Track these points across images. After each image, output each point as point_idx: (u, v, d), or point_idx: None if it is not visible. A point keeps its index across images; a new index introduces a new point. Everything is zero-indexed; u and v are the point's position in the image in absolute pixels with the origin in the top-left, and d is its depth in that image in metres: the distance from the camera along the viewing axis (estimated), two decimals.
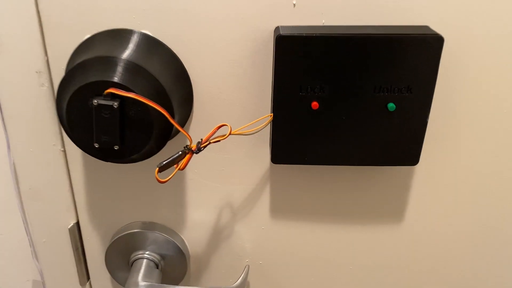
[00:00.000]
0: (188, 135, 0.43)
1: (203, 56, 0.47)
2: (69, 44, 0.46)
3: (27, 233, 0.57)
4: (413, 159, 0.47)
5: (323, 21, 0.45)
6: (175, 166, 0.43)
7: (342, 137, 0.46)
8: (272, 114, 0.46)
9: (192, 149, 0.43)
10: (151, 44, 0.46)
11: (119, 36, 0.45)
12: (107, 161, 0.44)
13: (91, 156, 0.50)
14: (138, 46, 0.45)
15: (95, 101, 0.39)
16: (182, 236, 0.57)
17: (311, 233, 0.56)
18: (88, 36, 0.46)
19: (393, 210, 0.54)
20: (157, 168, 0.42)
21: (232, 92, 0.48)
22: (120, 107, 0.40)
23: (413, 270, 0.58)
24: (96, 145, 0.41)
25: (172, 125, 0.42)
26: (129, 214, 0.56)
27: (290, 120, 0.45)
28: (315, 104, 0.44)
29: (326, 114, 0.45)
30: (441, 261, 0.57)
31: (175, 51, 0.46)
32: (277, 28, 0.44)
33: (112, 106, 0.40)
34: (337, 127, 0.45)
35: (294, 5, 0.44)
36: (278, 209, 0.55)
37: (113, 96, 0.40)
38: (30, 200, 0.55)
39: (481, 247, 0.56)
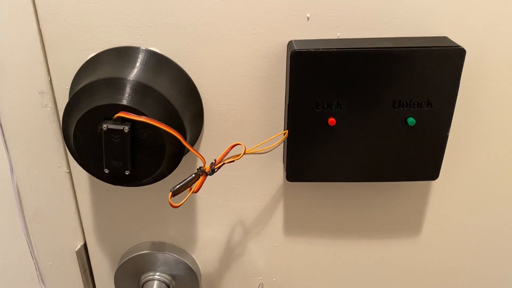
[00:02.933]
0: (202, 156, 0.41)
1: (213, 72, 0.45)
2: (73, 63, 0.44)
3: (32, 257, 0.55)
4: (432, 173, 0.46)
5: (338, 34, 0.43)
6: (188, 189, 0.42)
7: (359, 153, 0.44)
8: (287, 131, 0.44)
9: (206, 171, 0.41)
10: (159, 62, 0.44)
11: (125, 54, 0.43)
12: (116, 185, 0.42)
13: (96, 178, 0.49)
14: (146, 64, 0.43)
15: (104, 126, 0.38)
16: (193, 256, 0.55)
17: (325, 250, 0.54)
18: (92, 54, 0.44)
19: (410, 226, 0.53)
20: (170, 193, 0.40)
21: (243, 108, 0.46)
22: (131, 131, 0.38)
23: (428, 284, 0.57)
24: (106, 171, 0.40)
25: (184, 147, 0.41)
26: (138, 235, 0.54)
27: (306, 137, 0.44)
28: (332, 121, 0.43)
29: (344, 130, 0.43)
30: (459, 277, 0.56)
31: (184, 68, 0.45)
32: (290, 43, 0.42)
33: (122, 130, 0.38)
34: (354, 143, 0.44)
35: (308, 18, 0.42)
36: (292, 226, 0.53)
37: (123, 120, 0.38)
38: (35, 223, 0.53)
39: (502, 264, 0.55)
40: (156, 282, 0.54)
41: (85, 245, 0.55)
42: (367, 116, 0.43)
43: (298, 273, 0.56)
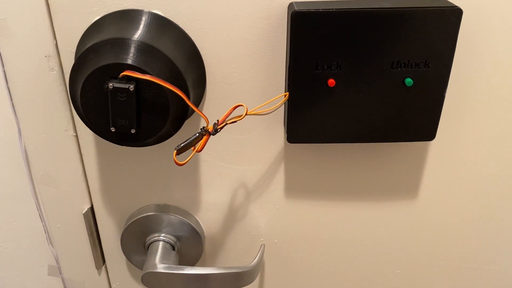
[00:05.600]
0: (205, 116, 0.43)
1: (215, 35, 0.46)
2: (78, 27, 0.45)
3: (41, 220, 0.57)
4: (429, 134, 0.47)
5: None
6: (192, 148, 0.43)
7: (358, 114, 0.45)
8: (287, 93, 0.45)
9: (209, 130, 0.43)
10: (162, 24, 0.45)
11: (129, 17, 0.44)
12: (122, 145, 0.44)
13: (103, 141, 0.50)
14: (150, 26, 0.44)
15: (110, 85, 0.39)
16: (196, 218, 0.57)
17: (325, 211, 0.56)
18: (97, 18, 0.45)
19: (408, 187, 0.54)
20: (175, 151, 0.41)
21: (245, 72, 0.47)
22: (136, 90, 0.39)
23: (426, 247, 0.58)
24: (113, 129, 0.41)
25: (188, 107, 0.42)
26: (143, 197, 0.56)
27: (306, 99, 0.45)
28: (331, 82, 0.44)
29: (343, 91, 0.44)
30: (455, 239, 0.58)
31: (186, 31, 0.45)
32: (291, 4, 0.43)
33: (128, 89, 0.39)
34: (353, 104, 0.45)
35: None
36: (293, 189, 0.55)
37: (128, 79, 0.39)
38: (43, 187, 0.55)
39: (500, 224, 0.56)
40: (161, 243, 0.55)
41: (92, 208, 0.57)
42: (366, 77, 0.44)
43: (298, 235, 0.58)
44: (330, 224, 0.57)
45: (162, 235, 0.56)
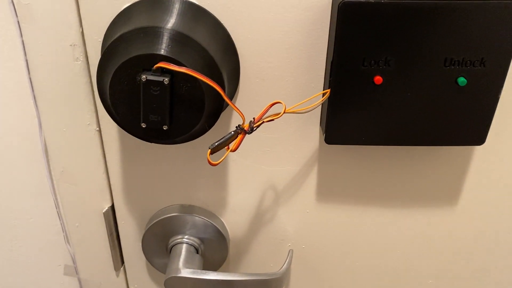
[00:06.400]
0: (241, 113, 0.40)
1: (251, 25, 0.43)
2: (106, 15, 0.42)
3: (59, 217, 0.54)
4: (479, 138, 0.44)
5: None
6: (225, 148, 0.40)
7: (404, 115, 0.42)
8: (328, 90, 0.42)
9: (245, 129, 0.40)
10: (195, 13, 0.42)
11: (161, 4, 0.41)
12: (152, 142, 0.41)
13: (128, 136, 0.47)
14: (183, 15, 0.41)
15: (143, 77, 0.36)
16: (222, 220, 0.54)
17: (359, 218, 0.53)
18: (126, 5, 0.42)
19: (449, 193, 0.51)
20: (209, 150, 0.38)
21: (281, 66, 0.44)
22: (171, 83, 0.36)
23: (464, 257, 0.55)
24: (143, 125, 0.38)
25: (224, 102, 0.39)
26: (167, 197, 0.53)
27: (349, 97, 0.42)
28: (378, 79, 0.40)
29: (390, 89, 0.41)
30: (496, 250, 0.54)
31: (221, 20, 0.42)
32: None
33: (162, 82, 0.36)
34: (400, 103, 0.42)
35: None
36: (325, 192, 0.52)
37: (163, 71, 0.36)
38: (62, 183, 0.52)
39: None
40: (184, 245, 0.53)
41: (112, 207, 0.54)
42: (416, 75, 0.40)
43: (329, 241, 0.55)
44: (364, 231, 0.54)
45: (186, 237, 0.53)
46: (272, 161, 0.50)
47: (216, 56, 0.39)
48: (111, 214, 0.54)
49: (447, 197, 0.51)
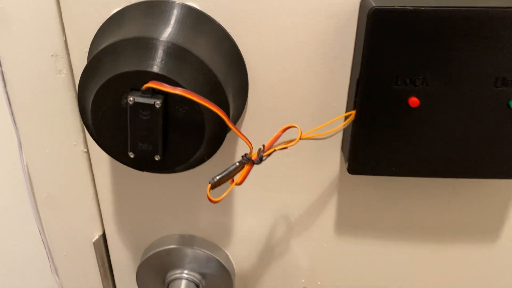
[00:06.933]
0: (249, 141, 0.33)
1: (262, 35, 0.36)
2: (93, 20, 0.36)
3: (44, 246, 0.49)
4: None
5: None
6: (230, 180, 0.34)
7: (444, 143, 0.35)
8: (353, 111, 0.35)
9: (252, 159, 0.33)
10: (197, 20, 0.35)
11: (157, 9, 0.35)
12: (144, 171, 0.35)
13: None
14: (182, 23, 0.34)
15: (130, 99, 0.30)
16: (226, 252, 0.48)
17: (383, 253, 0.46)
18: (117, 9, 0.36)
19: (491, 230, 0.44)
20: (209, 185, 0.32)
21: (297, 81, 0.38)
22: (163, 106, 0.30)
23: None
24: (131, 155, 0.32)
25: (227, 127, 0.33)
26: (165, 226, 0.47)
27: (378, 121, 0.35)
28: (414, 101, 0.34)
29: (428, 113, 0.34)
30: None
31: (227, 28, 0.36)
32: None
33: (153, 105, 0.30)
34: (439, 129, 0.35)
35: None
36: (345, 224, 0.45)
37: (154, 92, 0.30)
38: (47, 209, 0.46)
39: None
40: (184, 281, 0.47)
41: (103, 235, 0.48)
42: (460, 97, 0.33)
43: (348, 278, 0.48)
44: (389, 269, 0.47)
45: (186, 271, 0.47)
46: (284, 189, 0.44)
47: (219, 72, 0.33)
48: (103, 243, 0.48)
49: (487, 234, 0.44)
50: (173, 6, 0.35)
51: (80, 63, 0.38)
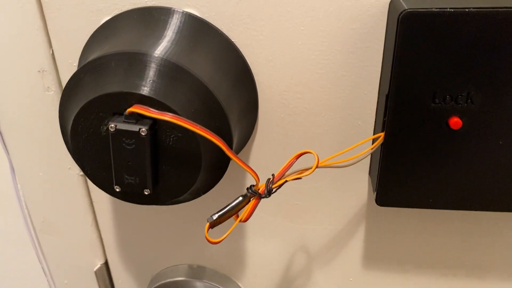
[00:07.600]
0: (254, 172, 0.28)
1: (273, 45, 0.31)
2: (82, 31, 0.32)
3: (45, 274, 0.45)
4: None
5: None
6: (234, 216, 0.29)
7: (491, 172, 0.29)
8: (382, 134, 0.30)
9: (260, 191, 0.28)
10: (197, 30, 0.31)
11: (150, 18, 0.31)
12: (135, 203, 0.30)
13: None
14: (180, 33, 0.30)
15: (112, 126, 0.25)
16: (240, 284, 0.43)
17: None
18: (107, 18, 0.31)
19: None
20: (207, 224, 0.27)
21: (315, 98, 0.33)
22: (152, 134, 0.25)
23: None
24: (117, 189, 0.27)
25: (229, 158, 0.27)
26: (172, 255, 0.43)
27: (412, 144, 0.29)
28: (456, 121, 0.28)
29: (473, 136, 0.28)
30: None
31: (232, 38, 0.31)
32: (396, 1, 0.28)
33: (138, 133, 0.25)
34: (485, 156, 0.29)
35: None
36: (374, 257, 0.39)
37: (141, 117, 0.25)
38: (45, 235, 0.43)
39: None
40: None
41: (106, 264, 0.44)
42: (511, 116, 0.27)
43: None
44: None
45: None
46: (303, 218, 0.39)
47: (221, 91, 0.28)
48: (105, 271, 0.44)
49: None
50: (169, 13, 0.30)
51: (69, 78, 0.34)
